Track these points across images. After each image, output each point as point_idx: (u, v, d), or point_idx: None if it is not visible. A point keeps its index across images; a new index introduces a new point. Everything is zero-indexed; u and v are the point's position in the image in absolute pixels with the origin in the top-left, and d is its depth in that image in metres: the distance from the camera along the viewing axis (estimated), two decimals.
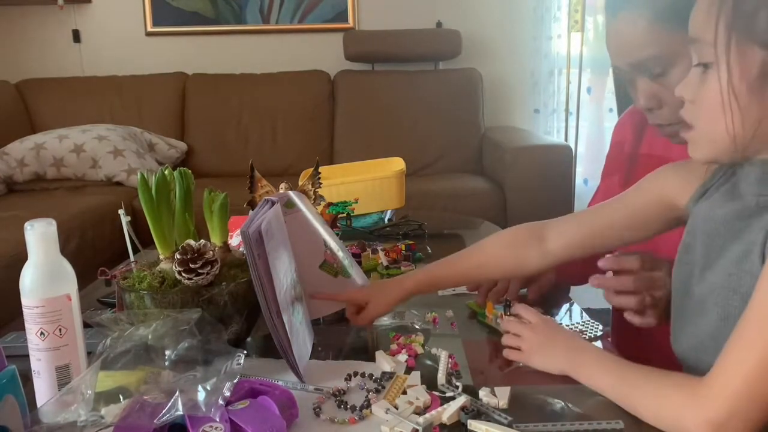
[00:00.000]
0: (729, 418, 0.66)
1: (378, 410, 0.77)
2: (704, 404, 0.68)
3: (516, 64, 3.50)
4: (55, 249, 0.79)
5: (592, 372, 0.82)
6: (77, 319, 0.80)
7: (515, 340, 0.91)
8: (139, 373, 0.77)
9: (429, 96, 3.25)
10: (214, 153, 3.28)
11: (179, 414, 0.68)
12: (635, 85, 1.00)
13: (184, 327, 0.81)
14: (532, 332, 0.90)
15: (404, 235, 1.60)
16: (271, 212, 0.90)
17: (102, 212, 2.56)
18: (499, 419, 0.75)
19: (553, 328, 0.91)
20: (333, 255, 1.06)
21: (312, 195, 1.21)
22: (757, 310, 0.67)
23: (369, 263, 1.36)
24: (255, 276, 0.83)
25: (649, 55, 0.94)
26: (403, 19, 3.42)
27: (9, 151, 2.89)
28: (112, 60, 3.48)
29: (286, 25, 3.51)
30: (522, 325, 0.92)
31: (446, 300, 1.17)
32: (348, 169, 1.89)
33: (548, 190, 2.69)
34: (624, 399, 0.77)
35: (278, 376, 0.87)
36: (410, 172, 1.88)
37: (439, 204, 2.67)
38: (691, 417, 0.69)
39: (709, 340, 0.77)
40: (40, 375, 0.79)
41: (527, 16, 3.44)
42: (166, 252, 0.94)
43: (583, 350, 0.86)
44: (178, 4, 3.48)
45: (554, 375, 0.86)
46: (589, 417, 0.76)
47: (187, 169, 0.97)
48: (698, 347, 0.80)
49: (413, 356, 0.93)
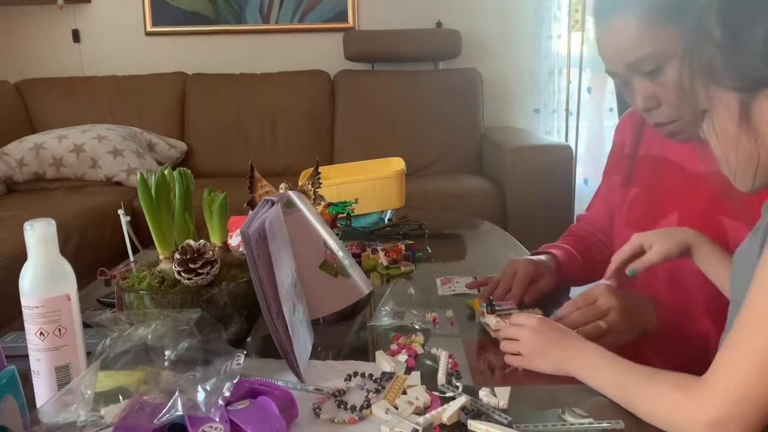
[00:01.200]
0: (726, 420, 0.67)
1: (378, 410, 0.77)
2: (702, 404, 0.68)
3: (516, 64, 3.50)
4: (55, 249, 0.79)
5: (591, 371, 0.82)
6: (77, 320, 0.80)
7: (514, 345, 0.91)
8: (138, 373, 0.77)
9: (429, 96, 3.25)
10: (214, 153, 3.28)
11: (179, 414, 0.68)
12: (632, 88, 1.00)
13: (184, 327, 0.81)
14: (530, 336, 0.90)
15: (404, 235, 1.60)
16: (271, 212, 0.90)
17: (102, 212, 2.56)
18: (499, 419, 0.75)
19: (551, 328, 0.91)
20: (333, 255, 1.06)
21: (312, 195, 1.21)
22: (752, 312, 0.68)
23: (369, 263, 1.36)
24: (255, 276, 0.82)
25: (643, 54, 0.95)
26: (403, 19, 3.42)
27: (9, 151, 2.89)
28: (111, 60, 3.48)
29: (286, 25, 3.51)
30: (519, 329, 0.92)
31: (446, 300, 1.17)
32: (348, 169, 1.89)
33: (548, 190, 2.68)
34: (622, 398, 0.77)
35: (278, 376, 0.87)
36: (410, 172, 1.88)
37: (439, 204, 2.67)
38: (688, 417, 0.69)
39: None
40: (40, 375, 0.79)
41: (527, 16, 3.44)
42: (165, 252, 0.94)
43: (581, 349, 0.85)
44: (178, 4, 3.48)
45: (554, 375, 0.86)
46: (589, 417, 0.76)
47: (186, 169, 0.97)
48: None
49: (413, 356, 0.93)
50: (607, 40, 1.00)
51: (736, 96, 0.70)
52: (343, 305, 1.05)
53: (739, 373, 0.66)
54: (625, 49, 0.97)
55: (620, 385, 0.78)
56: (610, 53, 1.00)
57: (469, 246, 1.65)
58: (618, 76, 1.01)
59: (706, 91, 0.73)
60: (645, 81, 0.98)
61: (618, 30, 0.97)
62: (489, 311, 1.05)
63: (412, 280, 1.30)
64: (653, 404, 0.73)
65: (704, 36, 0.71)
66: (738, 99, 0.70)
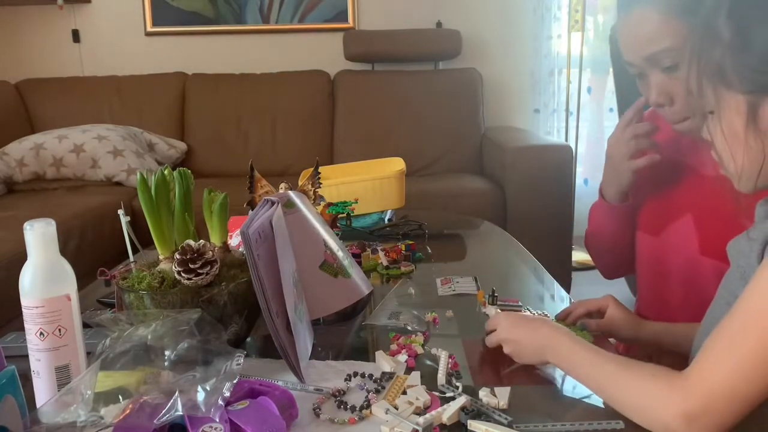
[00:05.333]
0: (703, 413, 0.67)
1: (378, 410, 0.77)
2: (680, 395, 0.68)
3: (516, 64, 3.50)
4: (55, 249, 0.79)
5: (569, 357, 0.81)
6: (77, 320, 0.80)
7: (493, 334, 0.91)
8: (138, 374, 0.77)
9: (429, 96, 3.25)
10: (214, 153, 3.28)
11: (179, 414, 0.68)
12: (648, 81, 1.00)
13: (184, 327, 0.81)
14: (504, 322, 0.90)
15: (404, 235, 1.60)
16: (272, 211, 0.90)
17: (101, 212, 2.56)
18: (499, 419, 0.75)
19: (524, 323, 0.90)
20: (333, 255, 1.06)
21: (312, 195, 1.21)
22: (743, 312, 0.68)
23: (369, 263, 1.36)
24: (255, 276, 0.82)
25: (662, 48, 0.95)
26: (403, 19, 3.42)
27: (9, 151, 2.89)
28: (111, 60, 3.48)
29: (286, 25, 3.51)
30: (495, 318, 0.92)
31: (446, 300, 1.17)
32: (348, 169, 1.89)
33: (548, 190, 2.68)
34: (598, 384, 0.77)
35: (278, 376, 0.87)
36: (410, 172, 1.88)
37: (439, 204, 2.67)
38: (665, 405, 0.69)
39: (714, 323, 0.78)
40: (40, 375, 0.79)
41: (527, 16, 3.44)
42: (165, 252, 0.94)
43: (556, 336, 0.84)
44: (178, 4, 3.48)
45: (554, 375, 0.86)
46: (589, 417, 0.76)
47: (186, 169, 0.97)
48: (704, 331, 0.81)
49: (413, 356, 0.93)
50: (627, 30, 1.00)
51: (745, 98, 0.71)
52: (343, 305, 1.05)
53: (723, 370, 0.67)
54: (644, 41, 0.97)
55: (596, 371, 0.77)
56: (629, 44, 1.01)
57: (469, 246, 1.65)
58: (635, 67, 1.01)
59: (714, 92, 0.73)
60: (661, 76, 0.98)
61: (639, 21, 0.97)
62: (491, 302, 1.05)
63: (412, 280, 1.30)
64: (628, 391, 0.73)
65: (713, 37, 0.72)
66: (746, 101, 0.71)
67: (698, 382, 0.68)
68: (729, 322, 0.69)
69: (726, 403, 0.67)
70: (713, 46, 0.72)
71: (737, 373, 0.66)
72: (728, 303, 0.76)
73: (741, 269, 0.76)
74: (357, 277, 1.09)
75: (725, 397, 0.67)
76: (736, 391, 0.66)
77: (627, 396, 0.74)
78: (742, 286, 0.71)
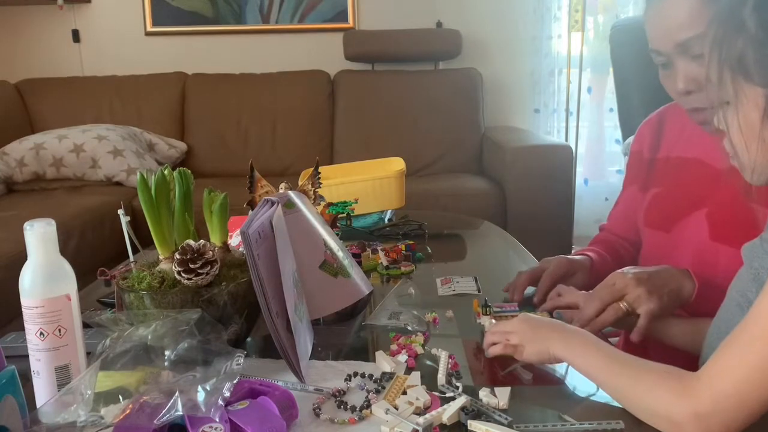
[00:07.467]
0: (713, 414, 0.67)
1: (378, 410, 0.77)
2: (691, 395, 0.69)
3: (516, 64, 3.49)
4: (55, 249, 0.79)
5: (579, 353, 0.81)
6: (77, 320, 0.80)
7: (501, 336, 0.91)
8: (138, 374, 0.77)
9: (429, 96, 3.24)
10: (214, 153, 3.28)
11: (179, 414, 0.68)
12: (674, 68, 1.00)
13: (184, 327, 0.81)
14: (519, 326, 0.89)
15: (404, 235, 1.60)
16: (272, 211, 0.90)
17: (101, 212, 2.56)
18: (499, 419, 0.75)
19: (538, 319, 0.90)
20: (333, 255, 1.06)
21: (312, 195, 1.21)
22: (757, 319, 0.68)
23: (369, 263, 1.36)
24: (255, 276, 0.82)
25: (694, 34, 0.94)
26: (403, 19, 3.42)
27: (9, 151, 2.89)
28: (111, 60, 3.48)
29: (286, 25, 3.50)
30: (507, 323, 0.92)
31: (446, 300, 1.17)
32: (348, 169, 1.89)
33: (548, 190, 2.68)
34: (607, 381, 0.77)
35: (278, 376, 0.87)
36: (410, 172, 1.88)
37: (439, 204, 2.67)
38: (676, 405, 0.69)
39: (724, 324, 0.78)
40: (40, 375, 0.79)
41: (527, 16, 3.44)
42: (165, 252, 0.94)
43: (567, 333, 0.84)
44: (178, 3, 3.48)
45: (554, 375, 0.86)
46: (589, 417, 0.76)
47: (186, 169, 0.97)
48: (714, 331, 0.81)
49: (413, 356, 0.93)
50: (658, 17, 1.00)
51: (764, 92, 0.70)
52: (343, 305, 1.05)
53: (734, 374, 0.67)
54: (677, 27, 0.96)
55: (607, 368, 0.77)
56: (659, 31, 1.00)
57: (469, 246, 1.65)
58: (662, 55, 1.01)
59: (733, 83, 0.72)
60: (691, 63, 0.97)
61: (671, 7, 0.97)
62: (484, 312, 1.04)
63: (412, 280, 1.30)
64: (638, 390, 0.73)
65: (738, 26, 0.71)
66: (765, 95, 0.70)
67: (709, 384, 0.68)
68: (743, 327, 0.69)
69: (736, 406, 0.67)
70: (737, 36, 0.71)
71: (747, 381, 0.67)
72: (739, 304, 0.77)
73: (755, 271, 0.76)
74: (357, 277, 1.09)
75: (735, 402, 0.67)
76: (746, 396, 0.67)
77: (635, 393, 0.74)
78: (754, 288, 0.71)
